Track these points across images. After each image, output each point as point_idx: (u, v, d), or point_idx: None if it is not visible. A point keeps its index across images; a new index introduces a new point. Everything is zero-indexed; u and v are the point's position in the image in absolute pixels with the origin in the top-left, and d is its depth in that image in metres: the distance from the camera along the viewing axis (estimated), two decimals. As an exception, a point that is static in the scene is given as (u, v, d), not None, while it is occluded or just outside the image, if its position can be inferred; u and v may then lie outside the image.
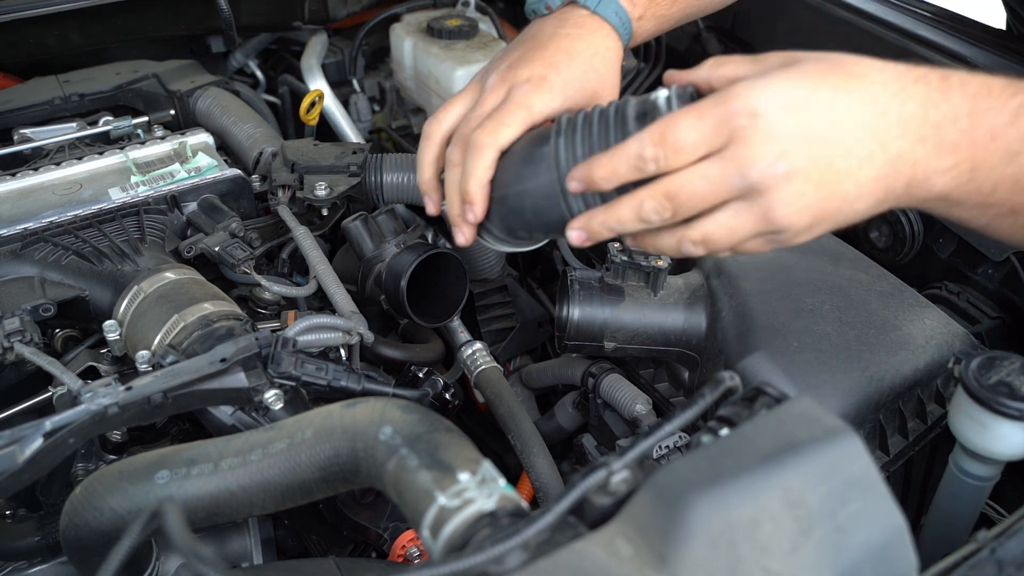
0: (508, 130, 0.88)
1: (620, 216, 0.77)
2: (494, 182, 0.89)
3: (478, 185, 0.87)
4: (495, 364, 1.22)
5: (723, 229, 0.75)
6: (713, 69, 0.77)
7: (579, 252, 1.38)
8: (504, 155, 0.88)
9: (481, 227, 0.92)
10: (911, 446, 1.01)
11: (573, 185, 0.79)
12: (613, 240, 0.95)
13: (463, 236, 0.92)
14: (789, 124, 0.71)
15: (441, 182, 0.94)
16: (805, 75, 0.72)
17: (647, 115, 0.78)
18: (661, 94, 0.77)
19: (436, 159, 0.95)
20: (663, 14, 1.04)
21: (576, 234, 0.81)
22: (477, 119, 0.90)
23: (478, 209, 0.88)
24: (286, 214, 1.23)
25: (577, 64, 0.93)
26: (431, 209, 0.98)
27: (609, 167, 0.76)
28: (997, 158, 0.71)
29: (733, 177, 0.72)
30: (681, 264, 1.18)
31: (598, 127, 0.81)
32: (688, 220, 0.77)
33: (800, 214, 0.73)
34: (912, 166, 0.72)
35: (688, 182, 0.73)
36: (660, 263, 1.05)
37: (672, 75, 0.81)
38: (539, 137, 0.87)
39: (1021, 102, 0.71)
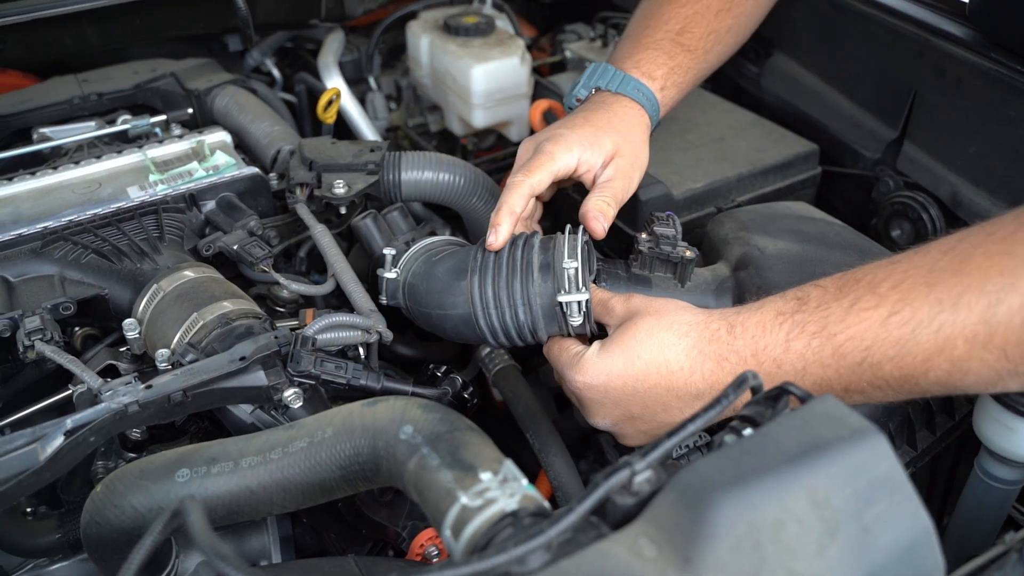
0: (538, 174, 1.07)
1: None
2: (420, 299, 1.06)
3: (509, 214, 1.04)
4: (513, 362, 1.21)
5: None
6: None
7: (598, 244, 1.37)
8: (430, 278, 1.05)
9: (409, 320, 1.12)
10: (938, 442, 1.01)
11: None
12: (640, 232, 1.08)
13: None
14: (610, 401, 0.96)
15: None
16: (633, 356, 0.93)
17: (549, 267, 0.99)
18: (568, 265, 0.97)
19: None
20: (681, 81, 1.25)
21: None
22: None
23: (502, 231, 1.03)
24: (304, 212, 1.22)
25: (592, 124, 1.13)
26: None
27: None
28: (791, 377, 0.85)
29: (578, 407, 1.01)
30: (708, 256, 1.17)
31: (507, 272, 1.01)
32: None
33: (635, 437, 0.99)
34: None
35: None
36: (688, 253, 1.04)
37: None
38: (458, 267, 1.04)
39: (788, 328, 0.86)
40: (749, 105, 1.52)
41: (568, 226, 1.04)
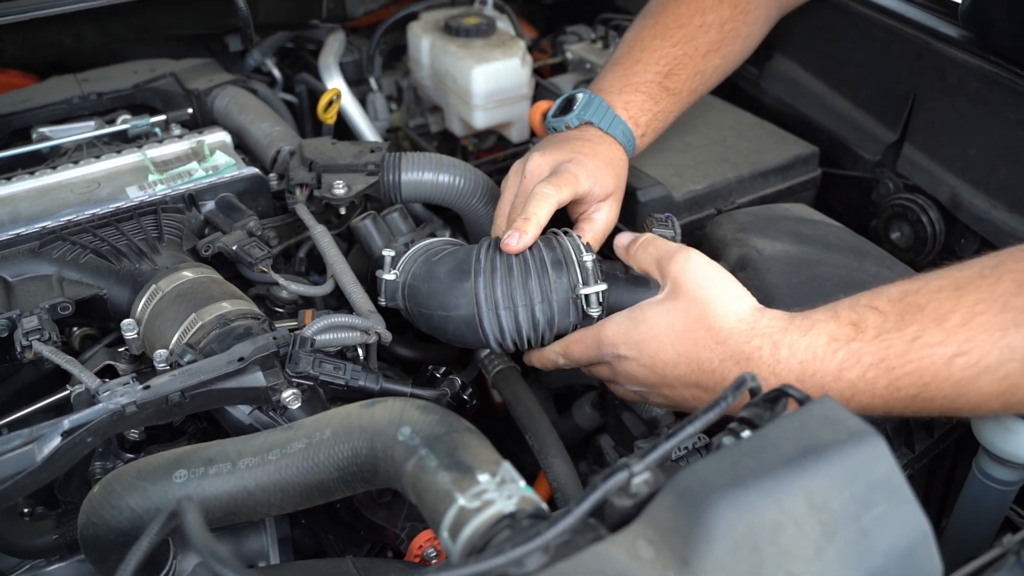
0: (566, 190, 1.07)
1: (542, 359, 1.09)
2: (421, 301, 1.05)
3: (536, 225, 1.03)
4: (512, 364, 1.21)
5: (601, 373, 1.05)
6: (631, 252, 1.04)
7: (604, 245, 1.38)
8: (431, 279, 1.05)
9: (408, 322, 1.13)
10: (936, 444, 1.00)
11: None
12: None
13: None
14: (643, 370, 0.95)
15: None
16: (666, 339, 0.92)
17: (561, 264, 1.02)
18: (587, 258, 1.02)
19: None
20: (659, 128, 1.28)
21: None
22: (528, 187, 1.10)
23: (527, 239, 1.03)
24: (304, 213, 1.22)
25: (600, 159, 1.14)
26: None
27: (540, 359, 1.09)
28: None
29: (612, 377, 1.02)
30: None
31: (519, 271, 1.01)
32: None
33: (663, 405, 1.01)
34: None
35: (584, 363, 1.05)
36: None
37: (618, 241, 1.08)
38: (460, 268, 1.03)
39: (843, 357, 0.81)
40: (749, 107, 1.52)
41: (558, 229, 1.07)
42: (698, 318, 0.90)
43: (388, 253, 1.10)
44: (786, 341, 0.85)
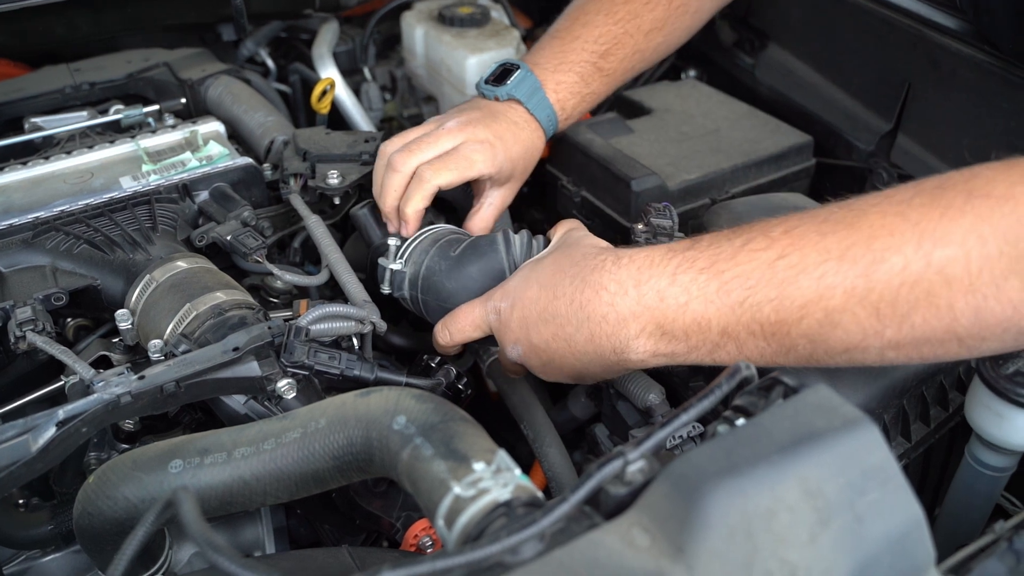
0: (449, 174, 1.10)
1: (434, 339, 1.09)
2: (444, 296, 1.07)
3: (414, 210, 1.10)
4: (507, 353, 1.21)
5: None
6: None
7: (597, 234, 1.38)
8: (459, 275, 1.06)
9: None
10: (932, 433, 1.01)
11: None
12: (636, 223, 1.10)
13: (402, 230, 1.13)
14: (515, 319, 0.97)
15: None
16: (533, 277, 0.96)
17: None
18: None
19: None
20: (585, 109, 1.29)
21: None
22: (429, 143, 1.12)
23: (411, 228, 1.12)
24: (298, 203, 1.22)
25: (518, 146, 1.18)
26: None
27: (434, 340, 1.09)
28: (672, 312, 0.85)
29: (506, 355, 1.02)
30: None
31: None
32: None
33: (544, 371, 0.99)
34: (608, 338, 0.89)
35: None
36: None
37: None
38: (489, 266, 1.05)
39: (678, 262, 0.86)
40: (744, 96, 1.52)
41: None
42: (562, 253, 0.96)
43: (393, 242, 1.10)
44: (627, 253, 0.90)
